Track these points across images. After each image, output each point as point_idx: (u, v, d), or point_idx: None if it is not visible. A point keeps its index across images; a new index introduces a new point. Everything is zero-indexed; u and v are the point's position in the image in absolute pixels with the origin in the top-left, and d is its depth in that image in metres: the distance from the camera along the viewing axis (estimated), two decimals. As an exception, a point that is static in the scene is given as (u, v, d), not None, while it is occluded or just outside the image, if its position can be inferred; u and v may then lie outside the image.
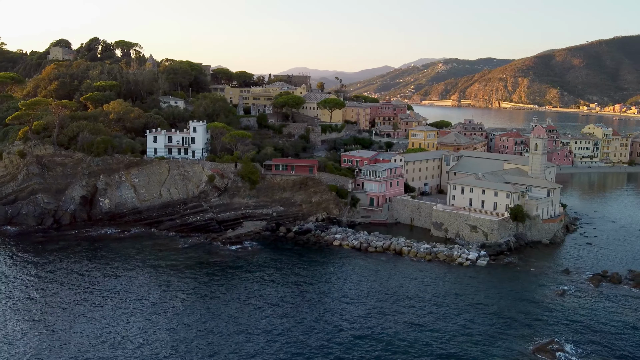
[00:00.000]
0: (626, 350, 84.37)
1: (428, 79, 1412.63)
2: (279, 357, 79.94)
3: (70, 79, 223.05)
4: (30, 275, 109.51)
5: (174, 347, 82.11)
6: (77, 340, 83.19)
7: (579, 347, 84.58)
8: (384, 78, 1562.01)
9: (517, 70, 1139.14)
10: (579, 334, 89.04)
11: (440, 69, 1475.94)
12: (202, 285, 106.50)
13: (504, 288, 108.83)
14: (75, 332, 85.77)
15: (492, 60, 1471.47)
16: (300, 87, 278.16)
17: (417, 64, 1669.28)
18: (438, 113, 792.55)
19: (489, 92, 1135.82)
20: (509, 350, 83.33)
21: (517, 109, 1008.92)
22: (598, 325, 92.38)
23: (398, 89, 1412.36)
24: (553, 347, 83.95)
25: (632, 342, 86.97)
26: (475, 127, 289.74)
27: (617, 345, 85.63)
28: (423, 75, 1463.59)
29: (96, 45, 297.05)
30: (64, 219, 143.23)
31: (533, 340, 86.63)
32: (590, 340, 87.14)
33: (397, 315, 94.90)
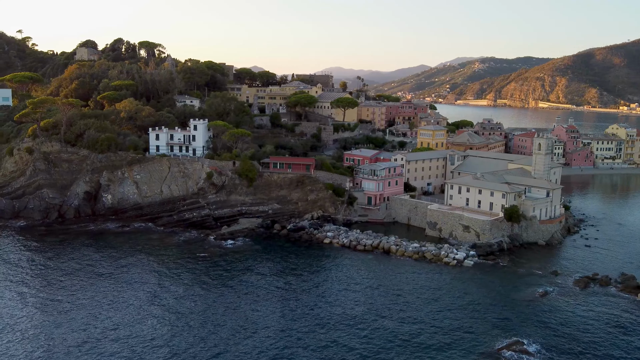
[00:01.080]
0: (592, 353, 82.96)
1: (464, 78, 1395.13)
2: (243, 348, 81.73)
3: (90, 78, 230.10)
4: (25, 265, 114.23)
5: (145, 336, 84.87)
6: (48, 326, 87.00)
7: (544, 349, 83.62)
8: (418, 77, 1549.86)
9: (555, 70, 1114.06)
10: (548, 336, 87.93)
11: (477, 67, 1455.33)
12: (185, 279, 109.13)
13: (485, 288, 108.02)
14: (47, 321, 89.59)
15: (531, 59, 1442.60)
16: (315, 87, 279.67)
17: (454, 63, 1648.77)
18: (470, 113, 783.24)
19: (525, 92, 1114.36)
20: (472, 349, 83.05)
21: (554, 109, 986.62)
22: (570, 328, 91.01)
23: (433, 88, 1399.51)
24: (517, 348, 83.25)
25: (601, 345, 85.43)
26: (494, 127, 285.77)
27: (585, 349, 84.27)
28: (459, 75, 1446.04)
29: (120, 45, 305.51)
30: (68, 214, 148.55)
31: (500, 340, 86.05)
32: (558, 342, 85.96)
33: (365, 311, 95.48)
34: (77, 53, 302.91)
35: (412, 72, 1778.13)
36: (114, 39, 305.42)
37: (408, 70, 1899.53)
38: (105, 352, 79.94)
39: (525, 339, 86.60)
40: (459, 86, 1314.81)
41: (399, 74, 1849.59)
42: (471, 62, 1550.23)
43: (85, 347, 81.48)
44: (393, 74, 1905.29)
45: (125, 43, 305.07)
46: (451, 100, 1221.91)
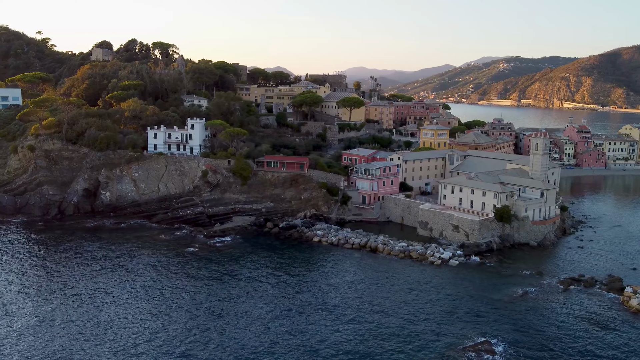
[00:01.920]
0: (561, 353, 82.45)
1: (488, 77, 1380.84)
2: (210, 342, 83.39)
3: (101, 78, 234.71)
4: (19, 257, 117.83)
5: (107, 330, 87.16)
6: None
7: (511, 348, 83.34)
8: (442, 77, 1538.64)
9: (580, 69, 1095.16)
10: (519, 336, 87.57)
11: (501, 67, 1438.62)
12: (167, 273, 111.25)
13: (464, 288, 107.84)
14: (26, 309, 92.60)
15: (558, 58, 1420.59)
16: (324, 87, 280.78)
17: (478, 63, 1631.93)
18: (490, 113, 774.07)
19: (550, 92, 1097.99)
20: (437, 347, 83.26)
21: (579, 109, 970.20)
22: (543, 328, 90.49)
23: (456, 88, 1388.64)
24: (483, 348, 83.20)
25: (571, 345, 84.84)
26: (504, 127, 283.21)
27: (554, 348, 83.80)
28: (483, 74, 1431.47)
29: (133, 46, 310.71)
30: (68, 210, 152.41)
31: (468, 339, 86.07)
32: (528, 342, 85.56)
33: (336, 305, 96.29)
34: (92, 54, 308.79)
35: (436, 71, 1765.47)
36: (128, 40, 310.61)
37: (432, 70, 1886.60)
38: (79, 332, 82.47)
39: (494, 338, 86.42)
40: (482, 86, 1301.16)
41: (423, 74, 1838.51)
42: (496, 62, 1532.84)
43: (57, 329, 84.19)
44: (417, 74, 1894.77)
45: (138, 44, 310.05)
46: (474, 100, 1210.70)
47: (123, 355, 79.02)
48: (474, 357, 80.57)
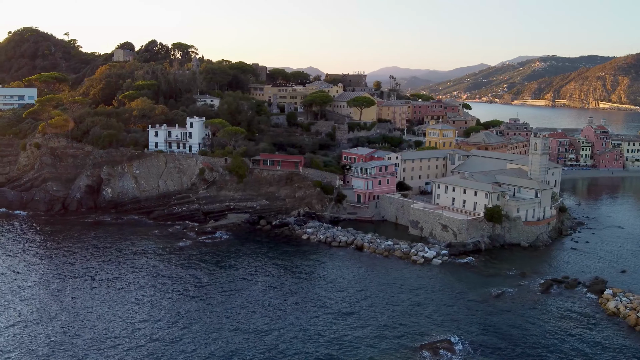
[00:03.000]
0: (520, 355, 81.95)
1: (523, 77, 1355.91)
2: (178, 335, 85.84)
3: (117, 78, 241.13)
4: (17, 251, 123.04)
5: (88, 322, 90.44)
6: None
7: (471, 347, 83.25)
8: (476, 76, 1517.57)
9: (617, 69, 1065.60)
10: (482, 335, 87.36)
11: (536, 66, 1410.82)
12: (147, 268, 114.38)
13: (441, 286, 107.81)
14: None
15: (595, 57, 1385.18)
16: (336, 86, 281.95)
17: (514, 62, 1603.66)
18: (521, 112, 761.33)
19: (585, 92, 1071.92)
20: (397, 345, 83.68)
21: (615, 109, 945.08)
22: (510, 328, 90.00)
23: (490, 87, 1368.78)
24: (441, 345, 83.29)
25: (534, 347, 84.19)
26: (520, 127, 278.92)
27: (514, 348, 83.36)
28: (518, 74, 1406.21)
29: (153, 47, 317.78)
30: (71, 206, 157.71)
31: (430, 337, 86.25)
32: (490, 341, 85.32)
33: (304, 300, 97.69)
34: (114, 54, 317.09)
35: (470, 71, 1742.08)
36: (148, 41, 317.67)
37: (467, 69, 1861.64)
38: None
39: (457, 337, 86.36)
40: (516, 85, 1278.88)
41: (457, 73, 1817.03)
42: (532, 61, 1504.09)
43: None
44: (451, 73, 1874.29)
45: (158, 45, 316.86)
46: (507, 100, 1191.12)
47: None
48: (429, 355, 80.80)
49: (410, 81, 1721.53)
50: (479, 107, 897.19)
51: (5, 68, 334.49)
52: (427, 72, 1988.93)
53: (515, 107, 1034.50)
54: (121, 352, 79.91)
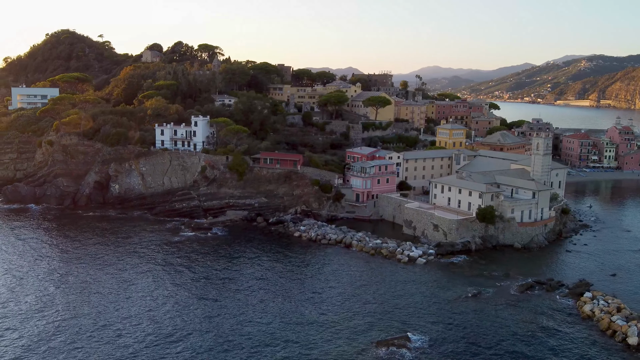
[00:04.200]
0: (477, 352, 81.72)
1: (568, 77, 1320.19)
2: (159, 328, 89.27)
3: (139, 79, 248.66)
4: (21, 241, 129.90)
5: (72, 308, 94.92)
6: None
7: (428, 345, 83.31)
8: (519, 76, 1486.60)
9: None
10: (444, 333, 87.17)
11: (582, 66, 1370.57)
12: (139, 259, 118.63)
13: (419, 285, 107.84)
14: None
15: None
16: (354, 86, 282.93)
17: (559, 62, 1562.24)
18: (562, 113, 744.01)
19: (632, 92, 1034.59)
20: (352, 341, 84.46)
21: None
22: (475, 328, 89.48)
23: (533, 87, 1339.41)
24: (398, 342, 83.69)
25: (494, 347, 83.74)
26: (542, 127, 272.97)
27: (470, 347, 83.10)
28: (562, 73, 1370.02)
29: (180, 48, 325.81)
30: (81, 201, 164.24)
31: (389, 333, 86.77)
32: (449, 339, 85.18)
33: (274, 295, 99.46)
34: (143, 56, 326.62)
35: (514, 70, 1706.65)
36: (174, 42, 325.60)
37: (510, 69, 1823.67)
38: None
39: (418, 334, 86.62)
40: (559, 85, 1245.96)
41: (500, 73, 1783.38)
42: (577, 60, 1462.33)
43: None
44: (494, 73, 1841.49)
45: (184, 46, 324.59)
46: (550, 100, 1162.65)
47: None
48: (382, 351, 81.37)
49: (451, 81, 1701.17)
50: (519, 108, 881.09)
51: (42, 69, 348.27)
52: (469, 72, 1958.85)
53: (558, 107, 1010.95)
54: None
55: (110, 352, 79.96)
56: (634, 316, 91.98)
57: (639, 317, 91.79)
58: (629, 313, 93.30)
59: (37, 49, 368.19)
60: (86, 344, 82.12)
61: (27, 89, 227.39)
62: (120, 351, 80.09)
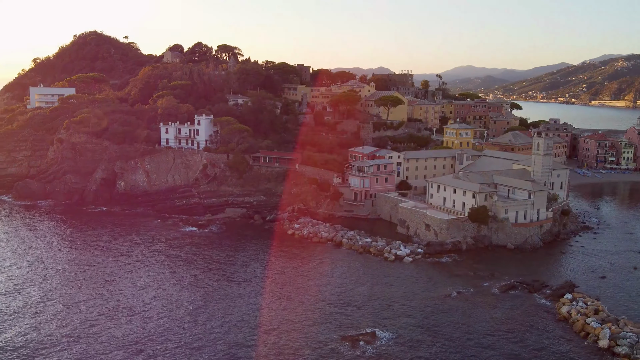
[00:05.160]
0: (438, 352, 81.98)
1: (604, 76, 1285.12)
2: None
3: (155, 79, 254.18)
4: (25, 233, 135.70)
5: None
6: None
7: (394, 342, 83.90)
8: (554, 76, 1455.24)
9: None
10: (414, 332, 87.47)
11: (619, 66, 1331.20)
12: (134, 252, 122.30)
13: (400, 283, 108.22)
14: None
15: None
16: (368, 86, 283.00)
17: (595, 61, 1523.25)
18: (597, 114, 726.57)
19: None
20: (319, 335, 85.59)
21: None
22: (446, 327, 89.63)
23: (568, 87, 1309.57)
24: (364, 338, 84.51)
25: (455, 345, 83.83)
26: (560, 128, 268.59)
27: (434, 345, 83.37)
28: (598, 73, 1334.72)
29: (199, 49, 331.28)
30: (88, 197, 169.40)
31: (358, 329, 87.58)
32: (417, 338, 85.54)
33: (250, 290, 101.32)
34: (164, 57, 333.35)
35: (550, 70, 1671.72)
36: (194, 43, 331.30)
37: (546, 69, 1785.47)
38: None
39: (386, 331, 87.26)
40: (595, 85, 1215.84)
41: (536, 72, 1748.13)
42: (615, 60, 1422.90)
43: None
44: (528, 73, 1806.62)
45: (204, 46, 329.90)
46: (585, 100, 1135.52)
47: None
48: (347, 345, 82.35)
49: (484, 80, 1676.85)
50: (551, 108, 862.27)
51: (68, 70, 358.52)
52: (503, 72, 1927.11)
53: (592, 108, 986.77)
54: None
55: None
56: (610, 319, 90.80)
57: (615, 319, 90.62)
58: (605, 315, 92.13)
59: (65, 50, 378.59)
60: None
61: (45, 89, 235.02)
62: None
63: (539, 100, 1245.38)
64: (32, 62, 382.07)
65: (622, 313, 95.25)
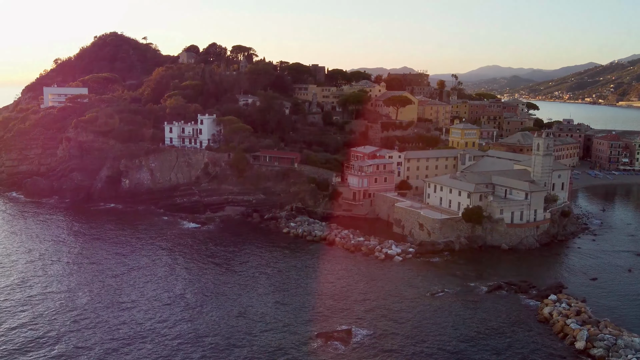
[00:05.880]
0: (414, 347, 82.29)
1: (632, 77, 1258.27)
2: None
3: (168, 79, 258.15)
4: (29, 228, 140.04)
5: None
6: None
7: (367, 340, 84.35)
8: (581, 76, 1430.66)
9: None
10: (389, 331, 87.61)
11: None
12: (131, 246, 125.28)
13: (383, 282, 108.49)
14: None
15: None
16: (379, 85, 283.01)
17: (624, 61, 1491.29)
18: (624, 115, 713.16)
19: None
20: (295, 332, 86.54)
21: None
22: (423, 325, 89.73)
23: (595, 87, 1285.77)
24: (338, 335, 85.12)
25: (429, 346, 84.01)
26: (573, 128, 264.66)
27: (408, 342, 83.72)
28: (627, 73, 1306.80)
29: (215, 49, 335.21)
30: (94, 195, 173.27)
31: (334, 327, 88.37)
32: (394, 338, 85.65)
33: (232, 286, 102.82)
34: (180, 57, 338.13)
35: (577, 69, 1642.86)
36: (209, 44, 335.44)
37: (573, 68, 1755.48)
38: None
39: (362, 329, 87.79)
40: (623, 86, 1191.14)
41: (563, 72, 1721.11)
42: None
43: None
44: (556, 73, 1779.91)
45: (218, 47, 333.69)
46: (612, 101, 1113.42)
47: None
48: (320, 342, 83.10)
49: (510, 81, 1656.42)
50: (576, 108, 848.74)
51: (88, 70, 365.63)
52: (530, 72, 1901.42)
53: (619, 109, 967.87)
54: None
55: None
56: (592, 320, 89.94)
57: (596, 321, 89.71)
58: (587, 317, 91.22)
59: (85, 50, 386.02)
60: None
61: (58, 89, 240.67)
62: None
63: (565, 101, 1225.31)
64: (53, 63, 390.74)
65: (607, 315, 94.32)
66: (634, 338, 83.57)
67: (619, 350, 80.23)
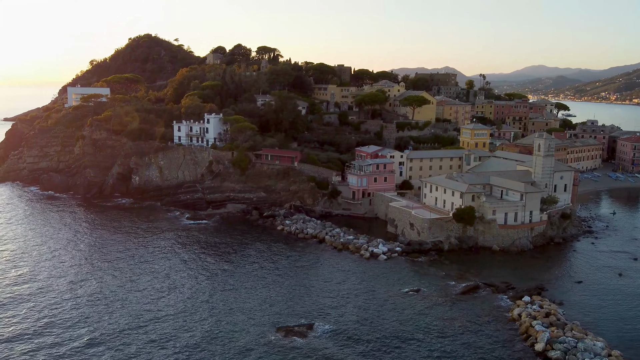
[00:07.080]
0: (372, 350, 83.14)
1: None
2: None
3: (190, 79, 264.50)
4: (36, 220, 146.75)
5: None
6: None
7: (328, 335, 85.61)
8: (629, 76, 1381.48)
9: None
10: (350, 326, 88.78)
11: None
12: (130, 238, 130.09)
13: (360, 279, 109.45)
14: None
15: None
16: (398, 85, 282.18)
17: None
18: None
19: None
20: (259, 326, 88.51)
21: None
22: (388, 323, 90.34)
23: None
24: (299, 330, 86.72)
25: (390, 344, 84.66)
26: (596, 129, 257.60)
27: (370, 339, 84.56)
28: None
29: (240, 50, 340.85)
30: (105, 191, 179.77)
31: (297, 321, 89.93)
32: (354, 333, 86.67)
33: (210, 280, 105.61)
34: (207, 58, 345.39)
35: (626, 70, 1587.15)
36: (234, 45, 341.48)
37: (623, 68, 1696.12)
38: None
39: (325, 324, 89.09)
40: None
41: (612, 73, 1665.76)
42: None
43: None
44: (604, 73, 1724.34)
45: (243, 48, 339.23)
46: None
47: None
48: (279, 336, 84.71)
49: (555, 81, 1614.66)
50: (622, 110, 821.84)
51: (121, 70, 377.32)
52: (577, 72, 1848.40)
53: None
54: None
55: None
56: (559, 323, 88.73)
57: (563, 324, 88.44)
58: (555, 319, 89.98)
59: (119, 52, 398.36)
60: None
61: (81, 89, 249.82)
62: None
63: (611, 102, 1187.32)
64: (89, 64, 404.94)
65: (580, 318, 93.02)
66: (596, 342, 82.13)
67: (577, 354, 79.07)
